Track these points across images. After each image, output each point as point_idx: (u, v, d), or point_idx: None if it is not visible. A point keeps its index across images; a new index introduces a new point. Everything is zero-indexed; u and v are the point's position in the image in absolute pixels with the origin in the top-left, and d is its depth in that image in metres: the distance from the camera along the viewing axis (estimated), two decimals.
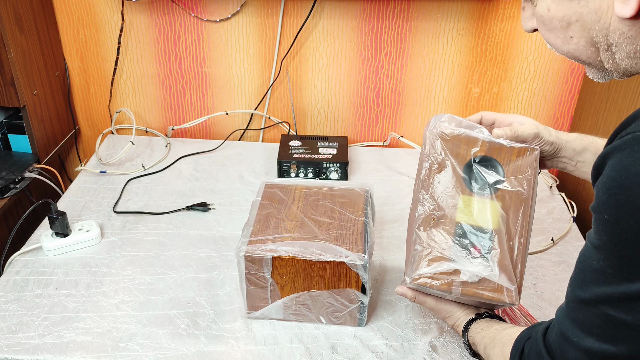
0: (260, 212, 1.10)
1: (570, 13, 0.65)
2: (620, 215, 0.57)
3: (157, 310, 1.11)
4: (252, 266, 1.02)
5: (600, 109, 1.47)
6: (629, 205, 0.56)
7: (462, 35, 1.58)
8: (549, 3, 0.66)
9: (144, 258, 1.25)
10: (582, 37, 0.66)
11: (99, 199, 1.44)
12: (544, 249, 1.31)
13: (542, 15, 0.68)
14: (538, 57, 1.60)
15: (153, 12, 1.60)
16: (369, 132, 1.76)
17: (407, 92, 1.68)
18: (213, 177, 1.55)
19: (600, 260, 0.60)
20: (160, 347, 1.03)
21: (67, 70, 1.70)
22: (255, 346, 1.04)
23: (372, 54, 1.63)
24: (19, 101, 1.46)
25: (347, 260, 0.99)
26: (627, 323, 0.59)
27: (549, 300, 1.16)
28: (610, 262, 0.59)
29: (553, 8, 0.66)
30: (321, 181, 1.22)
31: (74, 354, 1.01)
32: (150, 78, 1.71)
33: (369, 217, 1.10)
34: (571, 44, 0.67)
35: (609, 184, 0.58)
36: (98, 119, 1.80)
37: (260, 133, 1.79)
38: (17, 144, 1.56)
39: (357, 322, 1.08)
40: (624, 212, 0.56)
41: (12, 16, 1.40)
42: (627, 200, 0.56)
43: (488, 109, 1.68)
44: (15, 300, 1.12)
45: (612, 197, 0.58)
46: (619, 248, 0.58)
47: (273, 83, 1.68)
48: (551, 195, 1.50)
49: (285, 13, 1.58)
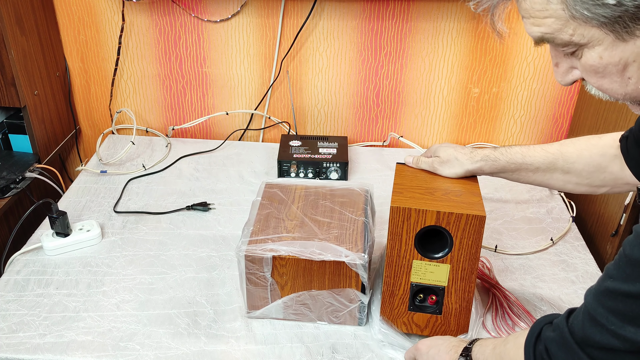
0: (261, 212, 1.11)
1: (626, 55, 0.62)
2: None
3: (157, 310, 1.11)
4: (253, 266, 1.02)
5: (599, 109, 1.47)
6: None
7: (461, 36, 1.58)
8: (600, 51, 0.63)
9: (145, 258, 1.25)
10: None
11: (100, 198, 1.45)
12: (543, 248, 1.31)
13: (593, 64, 0.65)
14: (538, 57, 1.60)
15: (153, 13, 1.60)
16: (368, 132, 1.76)
17: (407, 92, 1.69)
18: (213, 177, 1.55)
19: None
20: (161, 346, 1.03)
21: (68, 71, 1.71)
22: (256, 345, 1.04)
23: (372, 54, 1.63)
24: (20, 101, 1.46)
25: (347, 260, 0.99)
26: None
27: (548, 299, 1.17)
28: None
29: (606, 55, 0.63)
30: (321, 181, 1.23)
31: (75, 353, 1.02)
32: (150, 78, 1.71)
33: (368, 216, 1.10)
34: (630, 85, 0.65)
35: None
36: (99, 119, 1.80)
37: (260, 133, 1.79)
38: (18, 144, 1.56)
39: (357, 322, 1.08)
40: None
41: (13, 16, 1.40)
42: None
43: (488, 109, 1.69)
44: (16, 300, 1.13)
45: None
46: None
47: (273, 83, 1.68)
48: (550, 195, 1.51)
49: (286, 13, 1.58)
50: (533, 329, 0.75)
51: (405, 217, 0.94)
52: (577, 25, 0.62)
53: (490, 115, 1.70)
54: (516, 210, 1.45)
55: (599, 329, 0.65)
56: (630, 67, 0.63)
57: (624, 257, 0.64)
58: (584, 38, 0.63)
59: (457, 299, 0.99)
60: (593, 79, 0.67)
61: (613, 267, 0.65)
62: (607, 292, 0.65)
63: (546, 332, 0.72)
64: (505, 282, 1.20)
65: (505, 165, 1.04)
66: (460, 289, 0.98)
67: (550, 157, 1.01)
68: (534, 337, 0.73)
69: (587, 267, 1.26)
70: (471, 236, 0.94)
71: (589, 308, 0.67)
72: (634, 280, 0.62)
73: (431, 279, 0.98)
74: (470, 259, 0.95)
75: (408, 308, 1.01)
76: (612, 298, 0.64)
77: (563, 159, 1.01)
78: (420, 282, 0.98)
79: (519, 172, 1.04)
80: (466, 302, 0.99)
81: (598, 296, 0.66)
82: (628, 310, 0.63)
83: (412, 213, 0.94)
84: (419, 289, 0.99)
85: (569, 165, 1.00)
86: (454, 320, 1.00)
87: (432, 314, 1.00)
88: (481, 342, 0.87)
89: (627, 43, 0.61)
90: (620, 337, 0.63)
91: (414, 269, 0.98)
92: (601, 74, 0.66)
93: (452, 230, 0.94)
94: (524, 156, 1.02)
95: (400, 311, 1.02)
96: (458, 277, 0.97)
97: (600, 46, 0.63)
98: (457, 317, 1.00)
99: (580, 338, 0.67)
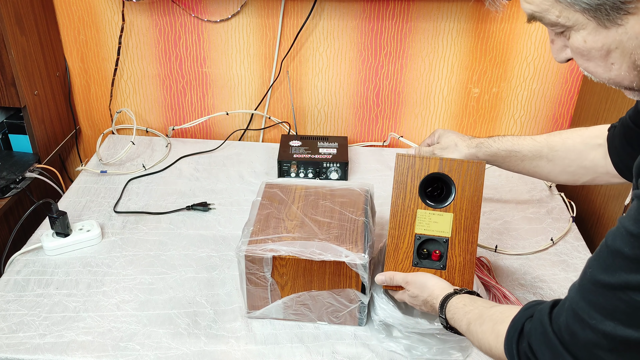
0: (261, 212, 1.11)
1: (609, 42, 0.64)
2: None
3: (157, 310, 1.11)
4: (253, 266, 1.02)
5: (599, 109, 1.47)
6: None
7: (461, 36, 1.58)
8: (584, 35, 0.65)
9: (145, 258, 1.25)
10: (624, 62, 0.65)
11: (100, 198, 1.45)
12: (543, 248, 1.31)
13: (579, 47, 0.67)
14: (537, 58, 1.60)
15: (153, 13, 1.60)
16: (368, 132, 1.76)
17: (407, 92, 1.69)
18: (213, 177, 1.55)
19: (636, 248, 0.59)
20: (161, 346, 1.03)
21: (68, 71, 1.71)
22: (256, 346, 1.04)
23: (372, 54, 1.63)
24: (20, 101, 1.46)
25: (347, 260, 0.99)
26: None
27: (548, 299, 1.16)
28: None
29: (590, 39, 0.65)
30: (321, 181, 1.23)
31: (75, 353, 1.02)
32: (150, 78, 1.71)
33: (369, 217, 1.10)
34: (613, 71, 0.67)
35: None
36: (99, 119, 1.80)
37: (260, 133, 1.79)
38: (18, 144, 1.56)
39: (357, 322, 1.08)
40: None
41: (13, 16, 1.40)
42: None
43: (488, 109, 1.69)
44: (16, 300, 1.13)
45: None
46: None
47: (273, 83, 1.68)
48: (550, 195, 1.51)
49: (286, 13, 1.58)
50: (515, 323, 0.73)
51: (410, 165, 1.01)
52: (562, 7, 0.65)
53: (490, 116, 1.70)
54: (516, 210, 1.45)
55: (581, 324, 0.64)
56: (613, 54, 0.65)
57: (605, 247, 0.63)
58: (569, 21, 0.65)
59: (461, 251, 1.00)
60: (580, 61, 0.70)
61: (594, 258, 0.65)
62: (587, 284, 0.64)
63: (528, 328, 0.71)
64: (505, 282, 1.20)
65: (496, 152, 1.08)
66: (463, 239, 1.00)
67: (537, 146, 1.06)
68: (517, 334, 0.72)
69: None
70: (472, 183, 0.99)
71: (571, 302, 0.66)
72: (613, 271, 0.61)
73: (435, 230, 1.01)
74: (472, 207, 1.00)
75: (412, 263, 1.02)
76: (593, 291, 0.64)
77: (548, 147, 1.05)
78: (424, 234, 1.01)
79: (509, 159, 1.08)
80: (470, 255, 1.01)
81: (580, 289, 0.66)
82: (607, 303, 0.62)
83: (416, 161, 1.01)
84: (423, 241, 1.01)
85: (553, 153, 1.04)
86: (459, 276, 1.01)
87: (436, 269, 1.01)
88: (454, 307, 0.88)
89: (609, 30, 0.63)
90: (600, 333, 0.62)
91: (418, 218, 1.01)
92: (586, 57, 0.68)
93: (454, 177, 1.00)
94: (514, 144, 1.07)
95: (404, 266, 1.02)
96: (461, 227, 1.00)
97: (585, 30, 0.65)
98: (461, 272, 1.01)
99: (564, 337, 0.66)
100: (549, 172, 1.07)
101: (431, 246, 1.01)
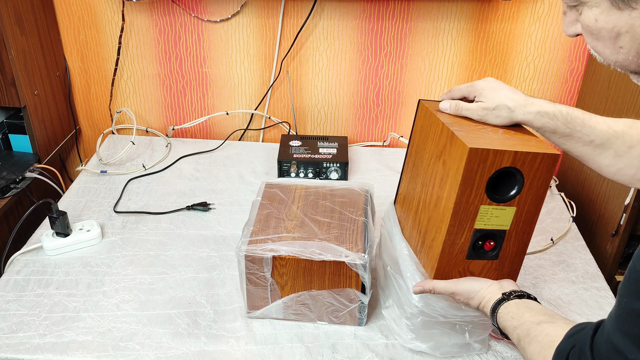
0: (261, 212, 1.11)
1: (620, 24, 0.63)
2: None
3: (157, 310, 1.11)
4: (253, 266, 1.02)
5: (599, 109, 1.47)
6: None
7: (461, 36, 1.58)
8: (596, 14, 0.64)
9: (145, 258, 1.25)
10: (633, 47, 0.64)
11: (100, 198, 1.45)
12: (543, 248, 1.31)
13: (589, 25, 0.66)
14: (537, 58, 1.60)
15: (153, 13, 1.60)
16: (368, 132, 1.77)
17: (407, 92, 1.69)
18: (213, 177, 1.55)
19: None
20: (161, 346, 1.03)
21: (68, 70, 1.71)
22: (256, 345, 1.04)
23: (372, 54, 1.63)
24: (20, 101, 1.46)
25: (347, 260, 0.99)
26: None
27: (548, 299, 1.17)
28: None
29: (601, 19, 0.64)
30: (321, 181, 1.23)
31: (75, 353, 1.02)
32: (150, 78, 1.71)
33: (369, 216, 1.10)
34: (620, 54, 0.66)
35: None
36: (99, 119, 1.80)
37: (260, 133, 1.79)
38: (18, 143, 1.56)
39: (357, 322, 1.08)
40: None
41: (13, 16, 1.40)
42: None
43: None
44: (16, 300, 1.13)
45: None
46: None
47: (273, 83, 1.69)
48: (551, 195, 1.51)
49: (286, 13, 1.59)
50: (560, 352, 0.70)
51: (482, 159, 0.86)
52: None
53: None
54: None
55: (621, 358, 0.60)
56: (623, 37, 0.64)
57: (634, 272, 0.60)
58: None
59: (516, 242, 0.94)
60: (589, 39, 0.69)
61: (625, 285, 0.61)
62: (621, 313, 0.61)
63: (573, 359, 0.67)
64: None
65: (559, 127, 0.90)
66: (521, 231, 0.93)
67: (610, 134, 0.89)
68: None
69: (587, 267, 1.26)
70: (542, 176, 0.88)
71: (609, 335, 0.63)
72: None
73: (495, 224, 0.93)
74: (537, 199, 0.90)
75: (466, 257, 0.95)
76: (630, 321, 0.60)
77: (623, 140, 0.89)
78: (483, 228, 0.93)
79: (570, 138, 0.91)
80: (523, 245, 0.95)
81: (617, 320, 0.62)
82: None
83: (489, 155, 0.85)
84: (480, 235, 0.94)
85: (625, 148, 0.89)
86: (508, 265, 0.96)
87: (488, 259, 0.95)
88: (503, 320, 0.85)
89: (622, 12, 0.63)
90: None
91: (480, 214, 0.91)
92: (595, 36, 0.67)
93: (525, 170, 0.88)
94: (584, 125, 0.90)
95: (457, 260, 0.96)
96: (521, 220, 0.92)
97: (598, 8, 0.65)
98: (511, 261, 0.96)
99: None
100: (608, 165, 0.91)
101: (486, 238, 0.94)
